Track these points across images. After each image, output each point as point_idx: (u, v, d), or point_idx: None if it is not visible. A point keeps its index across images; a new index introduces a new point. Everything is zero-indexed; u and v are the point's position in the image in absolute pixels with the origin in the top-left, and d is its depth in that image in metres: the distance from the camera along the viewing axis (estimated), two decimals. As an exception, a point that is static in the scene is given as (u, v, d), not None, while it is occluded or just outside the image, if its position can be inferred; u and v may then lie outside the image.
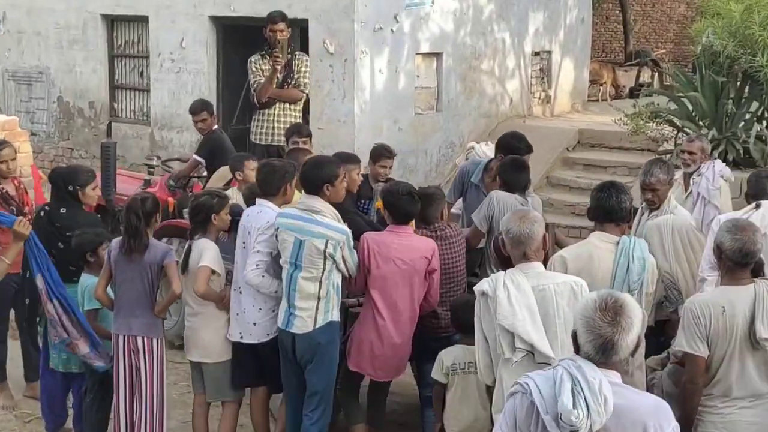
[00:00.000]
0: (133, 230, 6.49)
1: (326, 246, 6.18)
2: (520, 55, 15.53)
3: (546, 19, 16.04)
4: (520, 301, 4.84)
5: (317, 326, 6.26)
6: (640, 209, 7.19)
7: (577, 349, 3.57)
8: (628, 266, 5.47)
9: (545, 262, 5.33)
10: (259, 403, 6.89)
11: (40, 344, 7.55)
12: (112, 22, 15.15)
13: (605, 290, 3.67)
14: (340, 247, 6.22)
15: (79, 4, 15.18)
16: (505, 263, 5.31)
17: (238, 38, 13.20)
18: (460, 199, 8.43)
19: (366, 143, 11.70)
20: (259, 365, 6.69)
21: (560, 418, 3.42)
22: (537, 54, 16.04)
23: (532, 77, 15.97)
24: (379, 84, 12.86)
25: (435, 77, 13.91)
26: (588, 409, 3.39)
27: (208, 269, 6.43)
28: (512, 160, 7.55)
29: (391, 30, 12.91)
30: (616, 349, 3.47)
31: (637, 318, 3.52)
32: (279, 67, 10.51)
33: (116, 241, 6.66)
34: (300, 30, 13.37)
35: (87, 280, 6.91)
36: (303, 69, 10.89)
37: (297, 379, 6.47)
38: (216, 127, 10.47)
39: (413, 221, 6.67)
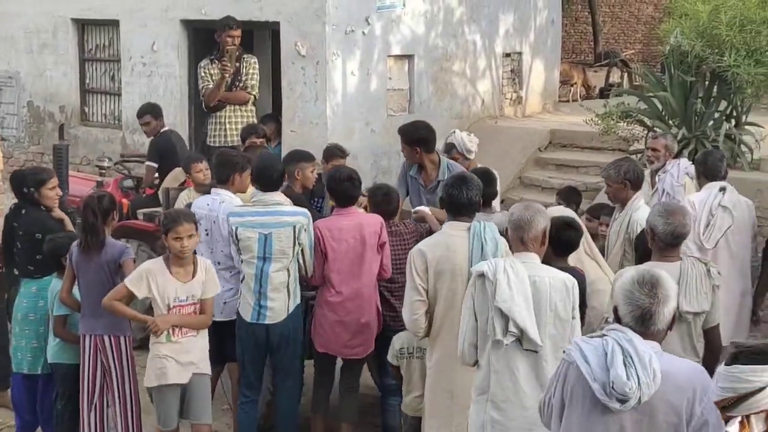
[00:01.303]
0: (90, 227, 6.52)
1: (294, 231, 6.49)
2: (491, 56, 15.55)
3: (516, 21, 16.08)
4: (518, 288, 4.94)
5: (289, 312, 6.59)
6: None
7: (619, 322, 3.79)
8: (482, 248, 5.69)
9: None
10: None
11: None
12: (82, 26, 15.05)
13: (642, 267, 4.02)
14: (304, 230, 6.55)
15: (49, 9, 15.06)
16: None
17: (209, 41, 13.12)
18: None
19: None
20: (221, 343, 7.00)
21: (612, 388, 3.59)
22: (508, 55, 16.08)
23: (503, 78, 16.00)
24: (351, 86, 12.85)
25: (407, 79, 13.91)
26: (639, 381, 3.56)
27: (124, 287, 6.38)
28: (483, 172, 7.54)
29: (363, 32, 12.90)
30: (654, 319, 3.72)
31: (672, 291, 3.78)
32: (226, 74, 10.62)
33: (76, 243, 6.65)
34: (271, 32, 13.37)
35: (57, 285, 6.87)
36: (251, 71, 10.99)
37: (260, 367, 6.82)
38: (165, 129, 10.63)
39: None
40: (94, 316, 6.56)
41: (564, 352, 3.92)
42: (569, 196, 8.57)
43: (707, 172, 7.91)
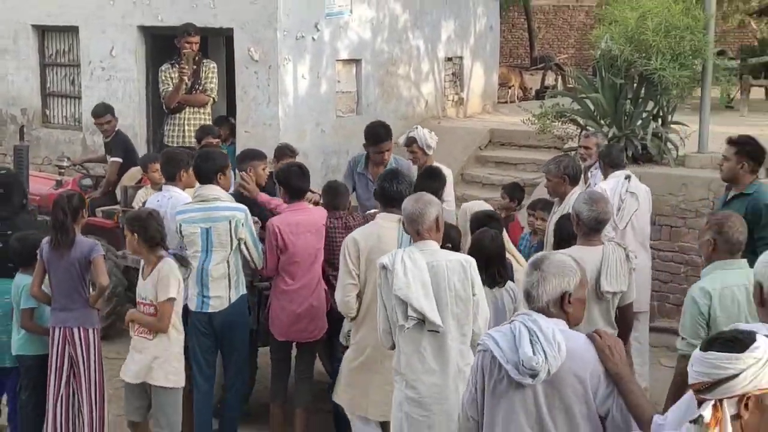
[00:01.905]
0: (60, 225, 6.48)
1: (230, 225, 6.53)
2: (434, 60, 15.61)
3: (457, 27, 16.16)
4: (415, 274, 5.06)
5: (232, 302, 6.62)
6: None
7: None
8: (411, 238, 5.75)
9: None
10: None
11: None
12: (42, 32, 14.87)
13: (562, 251, 4.22)
14: (242, 225, 6.57)
15: (9, 15, 14.86)
16: None
17: (166, 47, 13.01)
18: None
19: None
20: None
21: (523, 365, 3.67)
22: (450, 59, 16.15)
23: (445, 81, 16.06)
24: (302, 89, 12.84)
25: (355, 82, 13.93)
26: (546, 356, 3.65)
27: None
28: (427, 169, 7.58)
29: (313, 38, 12.89)
30: (533, 296, 3.86)
31: (558, 270, 3.86)
32: (185, 78, 10.62)
33: (46, 240, 6.60)
34: (226, 39, 13.32)
35: (22, 280, 6.80)
36: (210, 75, 10.97)
37: (210, 356, 6.80)
38: (118, 127, 10.69)
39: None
40: (65, 309, 6.53)
41: (479, 342, 4.01)
42: (513, 191, 8.65)
43: (612, 162, 8.24)
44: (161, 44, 13.17)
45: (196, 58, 10.82)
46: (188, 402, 6.93)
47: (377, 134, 8.31)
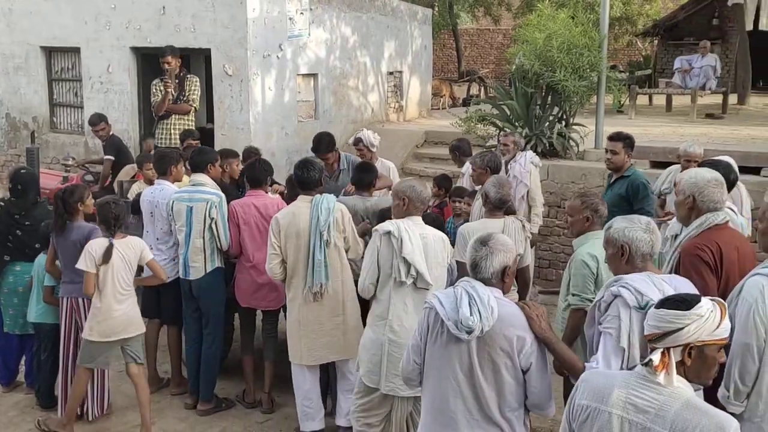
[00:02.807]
0: (58, 214, 6.50)
1: (207, 206, 6.59)
2: (378, 74, 15.61)
3: (397, 47, 16.16)
4: (416, 243, 5.24)
5: (207, 272, 6.69)
6: None
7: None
8: (318, 216, 5.98)
9: None
10: (154, 328, 7.32)
11: None
12: (49, 52, 14.60)
13: (479, 222, 4.39)
14: (215, 207, 6.61)
15: (21, 38, 14.57)
16: None
17: (154, 64, 12.87)
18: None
19: (260, 146, 11.60)
20: (158, 301, 7.17)
21: (461, 322, 3.74)
22: (391, 73, 16.15)
23: (388, 92, 16.06)
24: (268, 99, 12.76)
25: (313, 93, 13.87)
26: (481, 317, 3.72)
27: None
28: (361, 163, 7.56)
29: (277, 56, 12.82)
30: (480, 267, 3.90)
31: (502, 247, 3.93)
32: (170, 90, 10.68)
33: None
34: (204, 57, 13.20)
35: (41, 259, 6.82)
36: (193, 88, 11.00)
37: (195, 316, 6.87)
38: (112, 132, 10.76)
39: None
40: (71, 282, 6.49)
41: (426, 301, 4.05)
42: (442, 182, 8.68)
43: (463, 153, 9.03)
44: (150, 62, 13.02)
45: (180, 74, 10.79)
46: (177, 347, 7.21)
47: (318, 145, 8.27)
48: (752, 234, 5.92)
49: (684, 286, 3.94)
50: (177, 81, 10.80)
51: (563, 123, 11.78)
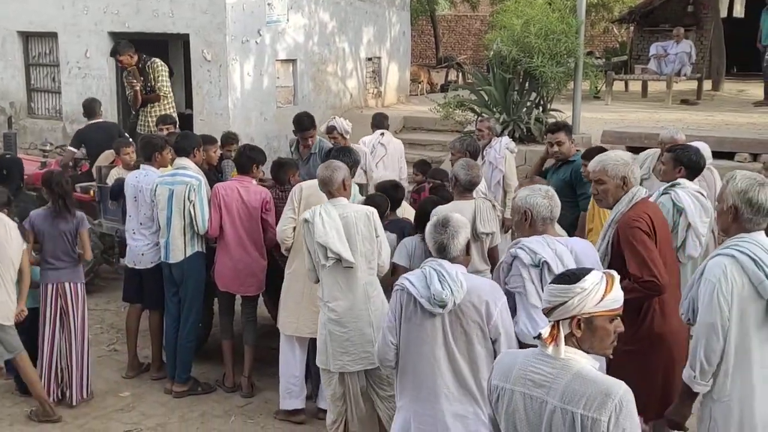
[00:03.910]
0: (63, 196, 6.47)
1: (186, 189, 6.59)
2: (357, 60, 15.57)
3: (376, 32, 16.12)
4: (331, 224, 5.32)
5: (187, 255, 6.70)
6: None
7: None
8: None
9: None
10: (136, 314, 7.26)
11: None
12: (26, 37, 14.45)
13: (441, 213, 4.33)
14: (194, 190, 6.60)
15: (-2, 23, 14.43)
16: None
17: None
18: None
19: (239, 131, 11.56)
20: (141, 286, 7.11)
21: (434, 298, 3.95)
22: (370, 59, 16.12)
23: (366, 77, 16.04)
24: (247, 84, 12.70)
25: (291, 78, 13.83)
26: (452, 290, 3.94)
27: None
28: (339, 148, 7.54)
29: (256, 42, 12.76)
30: (448, 249, 4.11)
31: (461, 226, 4.17)
32: (136, 89, 10.48)
33: (36, 212, 6.54)
34: (183, 42, 13.11)
35: None
36: (157, 75, 10.62)
37: (176, 300, 6.86)
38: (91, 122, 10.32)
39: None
40: (57, 268, 6.50)
41: (396, 284, 4.22)
42: (422, 166, 8.69)
43: (377, 124, 9.77)
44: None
45: (139, 66, 10.57)
46: (158, 332, 7.13)
47: (302, 123, 8.36)
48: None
49: (581, 246, 4.41)
50: (140, 74, 10.60)
51: (541, 109, 11.80)
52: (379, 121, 9.93)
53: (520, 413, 2.94)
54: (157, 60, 10.80)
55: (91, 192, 9.04)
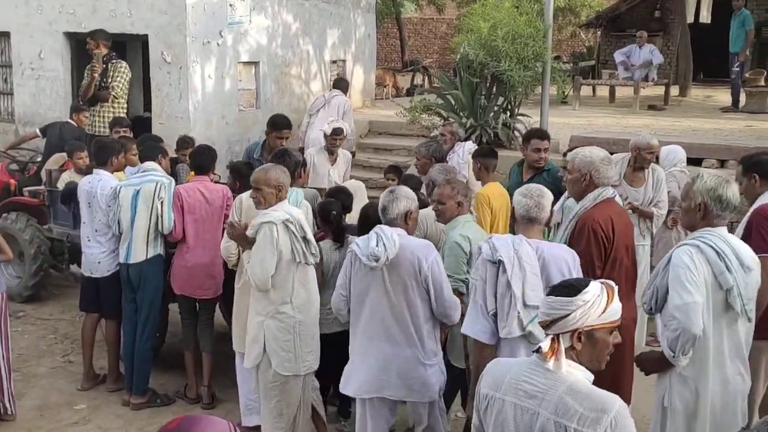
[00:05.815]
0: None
1: (156, 187, 6.58)
2: (321, 63, 15.53)
3: (340, 35, 16.09)
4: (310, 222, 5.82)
5: (148, 257, 6.67)
6: None
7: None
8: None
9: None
10: (92, 323, 7.13)
11: None
12: (-23, 37, 14.24)
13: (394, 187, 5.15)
14: (164, 188, 6.61)
15: (-53, 22, 14.17)
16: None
17: (88, 50, 12.68)
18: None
19: (200, 135, 11.51)
20: (98, 295, 7.01)
21: (370, 254, 4.76)
22: (334, 62, 16.09)
23: (330, 80, 15.98)
24: (208, 87, 12.61)
25: (254, 81, 13.75)
26: (385, 247, 4.74)
27: None
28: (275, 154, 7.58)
29: (217, 43, 12.67)
30: (387, 210, 4.95)
31: (403, 197, 4.94)
32: (95, 75, 10.31)
33: None
34: (142, 43, 12.98)
35: None
36: (115, 75, 10.45)
37: (134, 305, 6.79)
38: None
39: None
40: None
41: (349, 249, 5.03)
42: (393, 171, 8.71)
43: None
44: (84, 48, 12.76)
45: (105, 57, 10.43)
46: (115, 342, 7.04)
47: (281, 122, 8.27)
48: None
49: (556, 253, 4.47)
50: (104, 66, 10.46)
51: (508, 113, 11.86)
52: (337, 82, 11.87)
53: (509, 424, 2.92)
54: (124, 63, 10.70)
55: (40, 196, 8.93)
